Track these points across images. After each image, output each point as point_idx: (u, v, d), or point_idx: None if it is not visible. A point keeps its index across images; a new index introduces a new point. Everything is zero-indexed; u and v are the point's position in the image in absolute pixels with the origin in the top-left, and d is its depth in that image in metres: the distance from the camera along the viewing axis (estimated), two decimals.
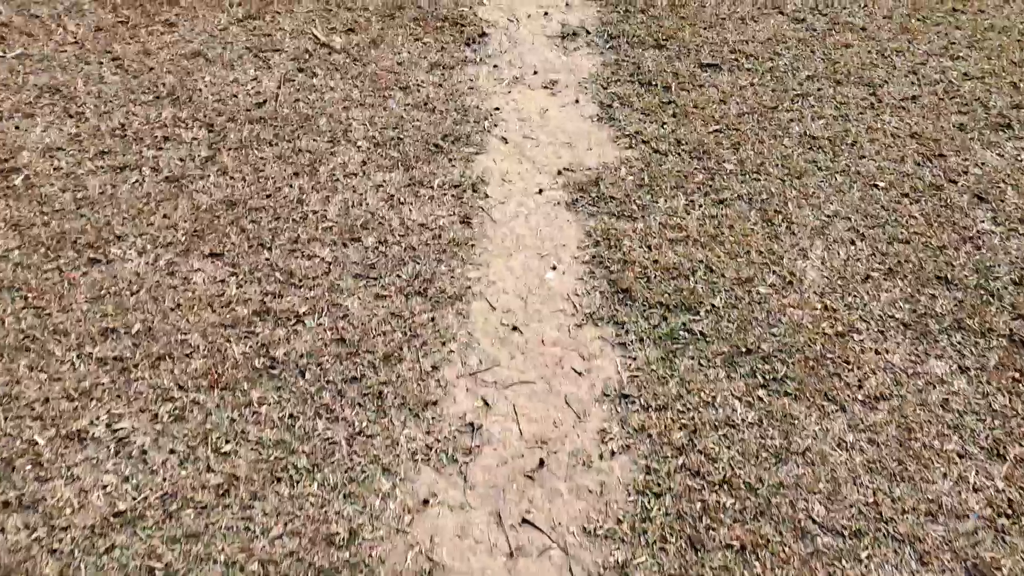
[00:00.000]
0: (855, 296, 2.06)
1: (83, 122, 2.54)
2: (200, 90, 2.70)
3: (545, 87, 2.92)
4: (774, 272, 2.12)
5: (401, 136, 2.58)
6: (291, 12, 3.18)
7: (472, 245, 2.20)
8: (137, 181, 2.32)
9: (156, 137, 2.49)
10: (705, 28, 3.26)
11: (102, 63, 2.81)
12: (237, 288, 2.01)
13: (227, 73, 2.80)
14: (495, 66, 3.00)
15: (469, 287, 2.06)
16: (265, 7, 3.18)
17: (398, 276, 2.08)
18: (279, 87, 2.75)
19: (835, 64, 3.06)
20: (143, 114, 2.58)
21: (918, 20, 3.36)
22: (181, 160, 2.41)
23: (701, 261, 2.15)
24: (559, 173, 2.50)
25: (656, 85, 2.91)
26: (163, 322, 1.92)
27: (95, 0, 3.14)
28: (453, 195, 2.37)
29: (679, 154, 2.57)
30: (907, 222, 2.31)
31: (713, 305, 2.01)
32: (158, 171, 2.36)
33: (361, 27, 3.12)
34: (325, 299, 2.00)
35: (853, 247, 2.23)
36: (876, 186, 2.46)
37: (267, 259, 2.10)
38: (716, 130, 2.69)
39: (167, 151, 2.44)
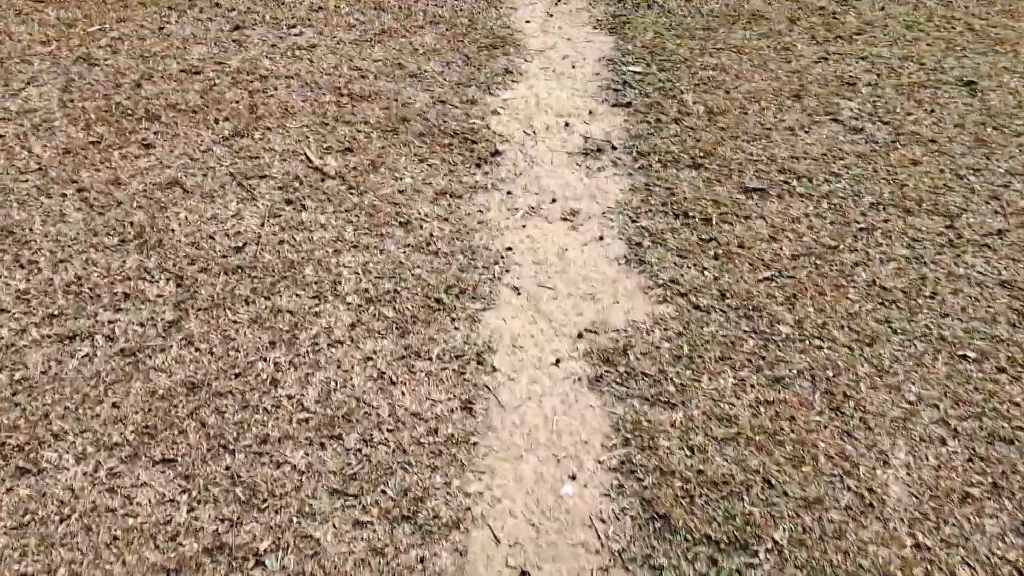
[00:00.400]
0: (953, 526, 1.70)
1: (35, 274, 2.29)
2: (172, 230, 2.45)
3: (565, 219, 2.63)
4: (849, 488, 1.77)
5: (398, 288, 2.29)
6: (283, 127, 2.94)
7: (475, 444, 1.88)
8: (87, 355, 2.05)
9: (116, 294, 2.22)
10: (748, 141, 2.97)
11: (65, 196, 2.57)
12: (188, 512, 1.70)
13: (205, 207, 2.55)
14: (508, 192, 2.72)
15: (469, 508, 1.74)
16: (255, 122, 2.95)
17: (383, 492, 1.76)
18: (263, 225, 2.49)
19: (903, 187, 2.75)
20: (104, 263, 2.32)
21: (994, 129, 3.04)
22: (141, 326, 2.13)
23: (757, 471, 1.81)
24: (580, 336, 2.19)
25: (694, 217, 2.60)
26: (94, 565, 1.61)
27: (67, 116, 2.93)
28: (454, 370, 2.06)
29: (723, 312, 2.25)
30: (1008, 411, 1.96)
31: (775, 541, 1.67)
32: (113, 341, 2.09)
33: (360, 146, 2.87)
34: (292, 528, 1.68)
35: (944, 448, 1.87)
36: (965, 358, 2.11)
37: (227, 467, 1.79)
38: (767, 278, 2.37)
39: (127, 313, 2.17)
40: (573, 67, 3.45)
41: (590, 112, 3.16)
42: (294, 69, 3.27)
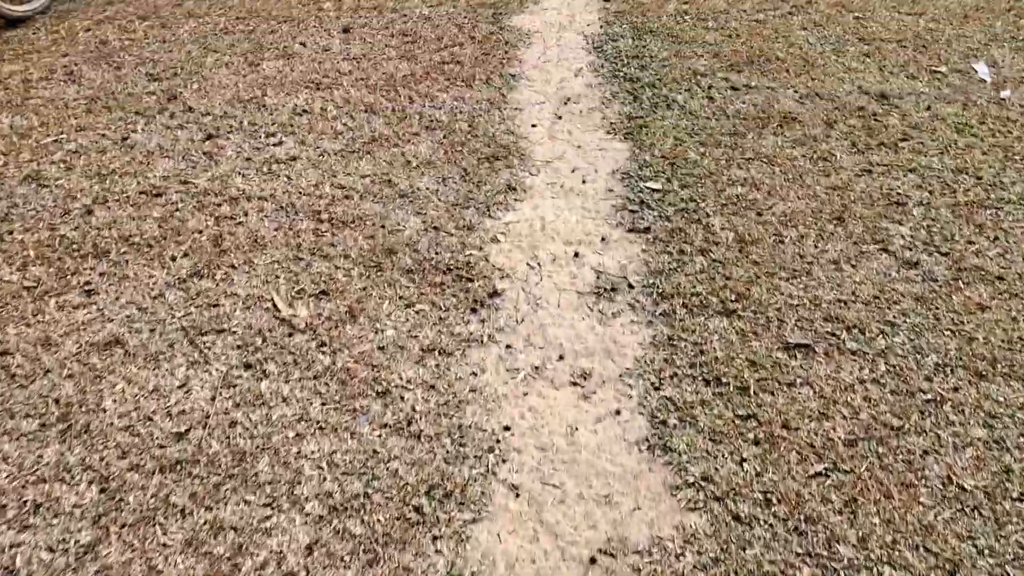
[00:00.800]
0: None
1: None
2: (104, 410, 2.09)
3: (574, 383, 2.26)
4: None
5: (369, 491, 1.92)
6: (250, 264, 2.60)
7: None
8: None
9: (25, 504, 1.86)
10: (787, 279, 2.61)
11: None
12: None
13: (148, 375, 2.20)
14: (508, 347, 2.36)
15: None
16: (218, 258, 2.62)
17: None
18: (214, 399, 2.14)
19: (971, 341, 2.37)
20: (17, 458, 1.97)
21: None
22: (50, 551, 1.76)
23: None
24: (593, 561, 1.80)
25: (727, 384, 2.23)
26: None
27: (2, 253, 2.60)
28: None
29: (770, 524, 1.86)
30: None
31: None
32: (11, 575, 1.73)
33: (337, 288, 2.52)
34: None
35: None
36: None
37: None
38: (820, 473, 1.99)
39: (34, 533, 1.80)
40: (584, 182, 3.12)
41: (603, 239, 2.82)
42: (269, 188, 2.95)
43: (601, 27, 4.35)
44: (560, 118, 3.54)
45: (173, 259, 2.60)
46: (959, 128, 3.43)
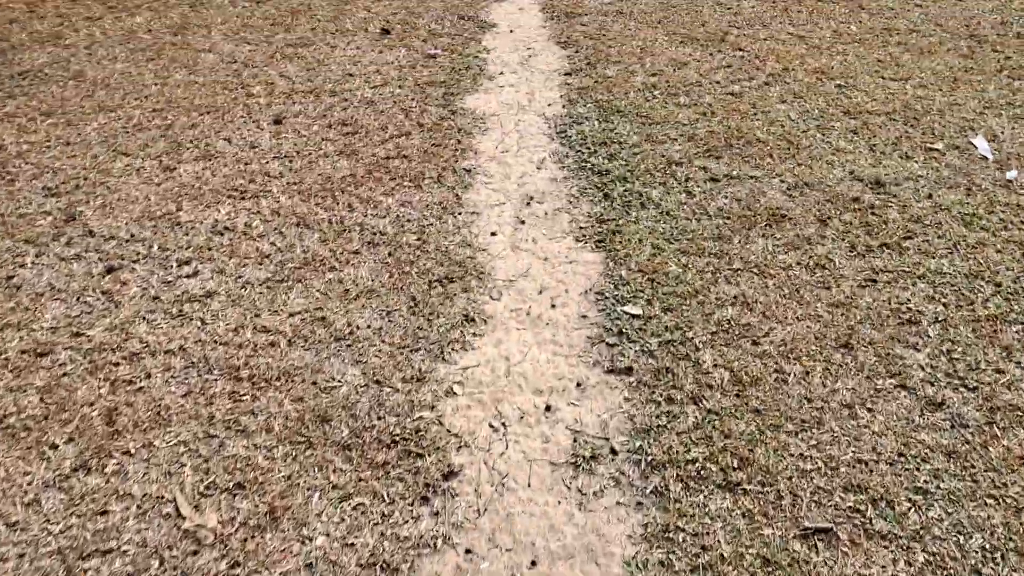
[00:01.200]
0: None
1: None
2: None
3: None
4: None
5: None
6: (151, 449, 2.18)
7: None
8: None
9: None
10: (795, 432, 2.25)
11: None
12: None
13: None
14: (468, 552, 1.96)
15: None
16: (111, 441, 2.19)
17: None
18: None
19: (1019, 512, 2.02)
20: None
21: None
22: None
23: None
24: None
25: None
26: None
27: None
28: None
29: None
30: None
31: None
32: None
33: (256, 478, 2.10)
34: None
35: None
36: None
37: None
38: None
39: None
40: (553, 306, 2.74)
41: (578, 384, 2.44)
42: (178, 338, 2.53)
43: (564, 107, 4.01)
44: (523, 223, 3.17)
45: (55, 447, 2.17)
46: (966, 220, 3.13)
